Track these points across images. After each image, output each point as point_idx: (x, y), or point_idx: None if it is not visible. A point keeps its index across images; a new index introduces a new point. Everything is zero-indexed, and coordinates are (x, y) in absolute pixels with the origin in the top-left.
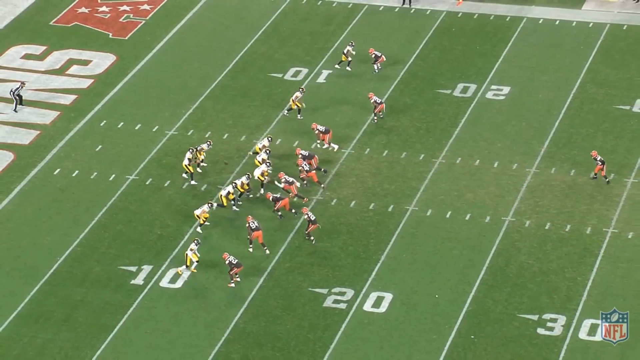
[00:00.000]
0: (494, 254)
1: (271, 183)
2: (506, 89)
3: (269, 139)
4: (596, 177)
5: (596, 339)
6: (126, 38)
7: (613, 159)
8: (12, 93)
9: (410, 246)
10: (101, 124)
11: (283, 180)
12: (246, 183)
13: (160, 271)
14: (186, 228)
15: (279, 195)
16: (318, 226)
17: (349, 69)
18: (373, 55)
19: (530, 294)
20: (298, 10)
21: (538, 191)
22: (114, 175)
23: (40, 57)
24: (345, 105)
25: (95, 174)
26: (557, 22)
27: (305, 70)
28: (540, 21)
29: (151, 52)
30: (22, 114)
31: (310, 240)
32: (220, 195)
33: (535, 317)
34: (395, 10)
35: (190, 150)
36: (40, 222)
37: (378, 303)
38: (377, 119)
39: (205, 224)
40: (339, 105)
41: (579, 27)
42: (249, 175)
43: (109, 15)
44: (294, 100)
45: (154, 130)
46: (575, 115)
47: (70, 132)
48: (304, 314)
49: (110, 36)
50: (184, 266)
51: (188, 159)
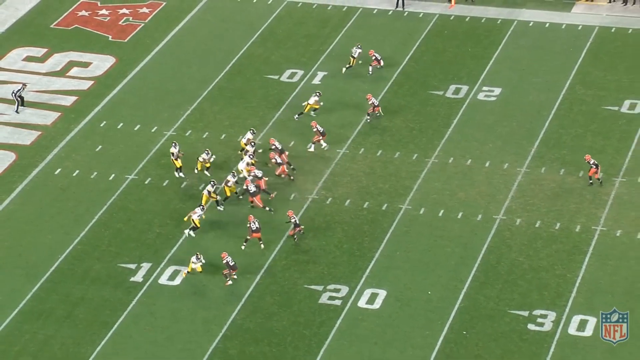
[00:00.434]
0: (485, 251)
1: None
2: (497, 91)
3: (251, 131)
4: (592, 183)
5: (585, 334)
6: (125, 41)
7: (602, 159)
8: (14, 94)
9: (404, 244)
10: (101, 125)
11: (252, 174)
12: (233, 181)
13: (159, 269)
14: (184, 227)
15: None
16: (301, 229)
17: (344, 69)
18: (373, 57)
19: (521, 291)
20: (293, 14)
21: (528, 190)
22: (113, 175)
23: (42, 60)
24: (340, 106)
25: (95, 173)
26: (547, 25)
27: (300, 72)
28: (530, 24)
29: (150, 55)
30: (24, 115)
31: (294, 240)
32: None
33: (526, 313)
34: (389, 13)
35: (174, 144)
36: (41, 221)
37: (372, 300)
38: (371, 119)
39: (197, 229)
40: (334, 106)
41: (568, 30)
42: (234, 174)
43: (108, 18)
44: (310, 104)
45: (153, 131)
46: (564, 116)
47: (70, 133)
48: (300, 310)
49: (110, 39)
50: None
51: (172, 153)
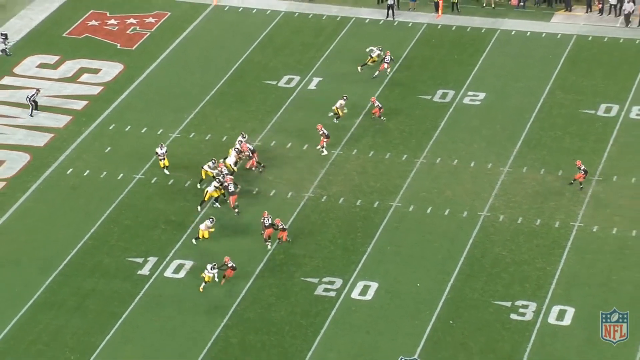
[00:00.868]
0: (470, 246)
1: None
2: (482, 95)
3: (242, 135)
4: (572, 183)
5: (564, 323)
6: (133, 48)
7: (580, 159)
8: (29, 99)
9: (394, 239)
10: (110, 128)
11: (223, 170)
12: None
13: (164, 263)
14: (188, 223)
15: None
16: (287, 238)
17: (359, 69)
18: (386, 60)
19: (504, 283)
20: (291, 23)
21: (511, 188)
22: (122, 174)
23: (54, 66)
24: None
25: (104, 173)
26: (528, 34)
27: (297, 78)
28: (512, 33)
29: (156, 62)
30: (38, 118)
31: (276, 242)
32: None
33: (509, 304)
34: (380, 22)
35: (160, 145)
36: (54, 218)
37: (365, 291)
38: (375, 119)
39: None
40: (329, 110)
41: (548, 39)
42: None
43: (117, 27)
44: (338, 108)
45: (159, 133)
46: (544, 119)
47: (81, 135)
48: (297, 301)
49: (118, 47)
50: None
51: (156, 153)
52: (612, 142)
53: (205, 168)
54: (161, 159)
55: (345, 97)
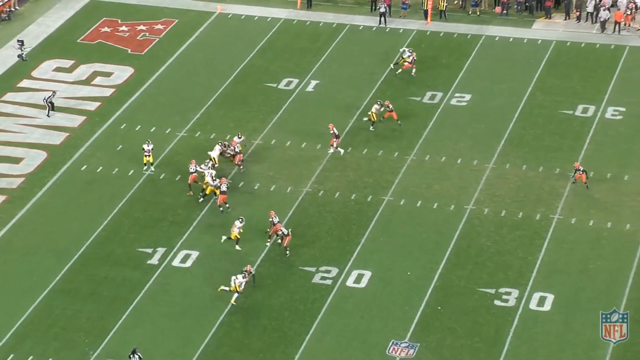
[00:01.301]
0: (457, 237)
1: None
2: (468, 96)
3: (238, 136)
4: (575, 182)
5: (544, 309)
6: (143, 53)
7: (558, 156)
8: (46, 100)
9: (387, 231)
10: (121, 127)
11: (194, 166)
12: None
13: (172, 253)
14: (194, 216)
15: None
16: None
17: (392, 65)
18: (408, 61)
19: (488, 271)
20: (290, 29)
21: (495, 184)
22: (132, 170)
23: (69, 70)
24: (331, 110)
25: (116, 169)
26: (511, 40)
27: (296, 81)
28: (496, 38)
29: (164, 66)
30: (54, 118)
31: (285, 253)
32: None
33: (493, 291)
34: (373, 29)
35: (147, 142)
36: (69, 211)
37: (359, 279)
38: (382, 121)
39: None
40: (325, 110)
41: (529, 44)
42: (209, 165)
43: (128, 34)
44: (374, 113)
45: (167, 132)
46: (526, 118)
47: (95, 134)
48: (296, 289)
49: (129, 52)
50: (235, 295)
51: (143, 149)
52: (589, 141)
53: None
54: (146, 155)
55: (379, 102)
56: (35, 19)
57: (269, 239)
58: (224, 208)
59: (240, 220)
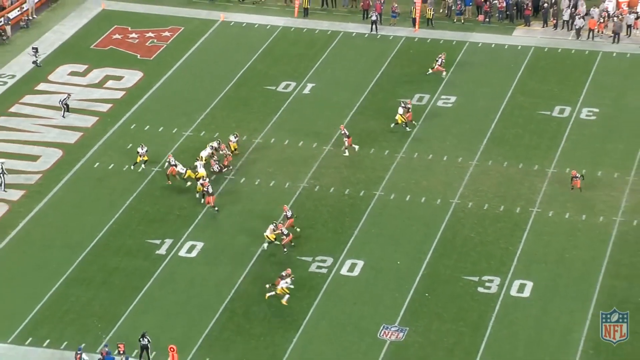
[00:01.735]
0: (443, 229)
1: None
2: (453, 98)
3: (234, 135)
4: (572, 188)
5: (524, 295)
6: (151, 58)
7: (537, 154)
8: (61, 102)
9: (378, 223)
10: (131, 127)
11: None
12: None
13: (179, 244)
14: (199, 209)
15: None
16: (291, 240)
17: (444, 74)
18: (438, 63)
19: (472, 260)
20: (288, 36)
21: (478, 179)
22: (141, 168)
23: (83, 74)
24: (326, 111)
25: (126, 167)
26: (493, 46)
27: (293, 84)
28: (479, 45)
29: (171, 70)
30: (69, 119)
31: (289, 245)
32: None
33: (476, 279)
34: (365, 35)
35: (141, 146)
36: (83, 205)
37: (352, 268)
38: (409, 124)
39: (275, 242)
40: (321, 112)
41: (510, 49)
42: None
43: (137, 40)
44: (401, 115)
45: (173, 132)
46: (507, 119)
47: (107, 134)
48: (294, 277)
49: (138, 57)
50: (286, 296)
51: (138, 152)
52: (565, 139)
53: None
54: (140, 156)
55: (403, 104)
56: (52, 26)
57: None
58: (211, 209)
59: (274, 223)
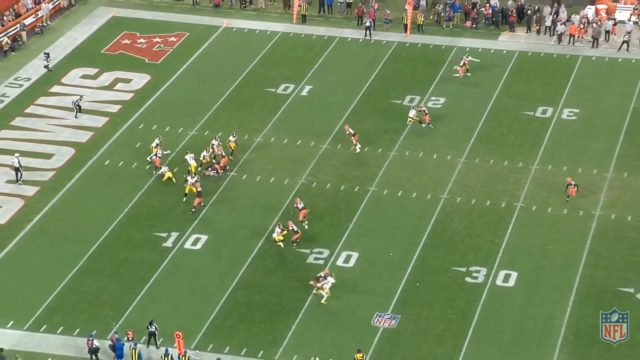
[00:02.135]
0: (433, 222)
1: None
2: (442, 100)
3: (233, 134)
4: (568, 200)
5: (509, 285)
6: (158, 62)
7: (521, 152)
8: (74, 104)
9: (372, 217)
10: (140, 127)
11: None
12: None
13: (184, 237)
14: (203, 204)
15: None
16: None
17: (468, 74)
18: (465, 62)
19: (460, 252)
20: (287, 41)
21: (466, 176)
22: (149, 165)
23: (94, 77)
24: (323, 112)
25: (135, 164)
26: (480, 50)
27: (292, 86)
28: (467, 49)
29: (177, 73)
30: (81, 119)
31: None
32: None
33: (464, 269)
34: (360, 41)
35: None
36: (94, 200)
37: (347, 260)
38: (426, 126)
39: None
40: (318, 112)
41: (495, 54)
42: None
43: (145, 45)
44: (411, 117)
45: (179, 131)
46: (493, 119)
47: (116, 133)
48: (293, 268)
49: (146, 61)
50: (325, 296)
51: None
52: (548, 138)
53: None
54: (156, 148)
55: (414, 108)
56: (65, 32)
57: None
58: (198, 208)
59: (279, 226)
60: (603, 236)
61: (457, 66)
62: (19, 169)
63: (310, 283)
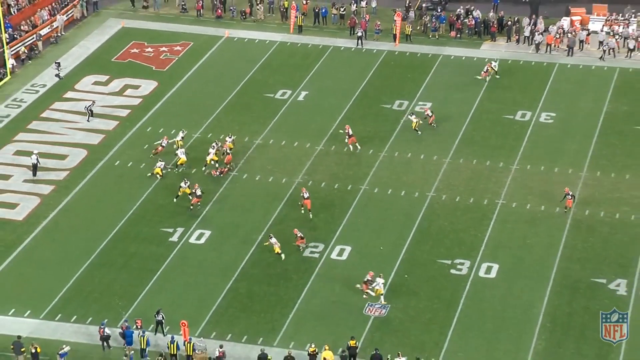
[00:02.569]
0: (420, 218)
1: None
2: (429, 104)
3: (229, 136)
4: (565, 211)
5: (491, 276)
6: (164, 70)
7: (502, 153)
8: (86, 108)
9: (363, 213)
10: (147, 130)
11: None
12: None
13: (189, 232)
14: (207, 201)
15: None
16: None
17: (497, 76)
18: (488, 68)
19: (446, 246)
20: (284, 50)
21: (451, 175)
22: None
23: (105, 83)
24: (318, 116)
25: (143, 164)
26: (464, 58)
27: (289, 92)
28: (452, 57)
29: (182, 80)
30: (93, 123)
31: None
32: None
33: (449, 262)
34: (352, 49)
35: (182, 130)
36: (106, 198)
37: (341, 253)
38: (434, 126)
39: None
40: (314, 116)
41: (478, 62)
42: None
43: (152, 54)
44: (414, 122)
45: (184, 134)
46: (476, 122)
47: (126, 136)
48: (290, 261)
49: (153, 68)
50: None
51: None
52: (526, 140)
53: (159, 166)
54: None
55: (413, 114)
56: (78, 42)
57: (302, 209)
58: (194, 207)
59: (270, 236)
60: (578, 231)
61: (483, 71)
62: (37, 166)
63: (356, 287)
